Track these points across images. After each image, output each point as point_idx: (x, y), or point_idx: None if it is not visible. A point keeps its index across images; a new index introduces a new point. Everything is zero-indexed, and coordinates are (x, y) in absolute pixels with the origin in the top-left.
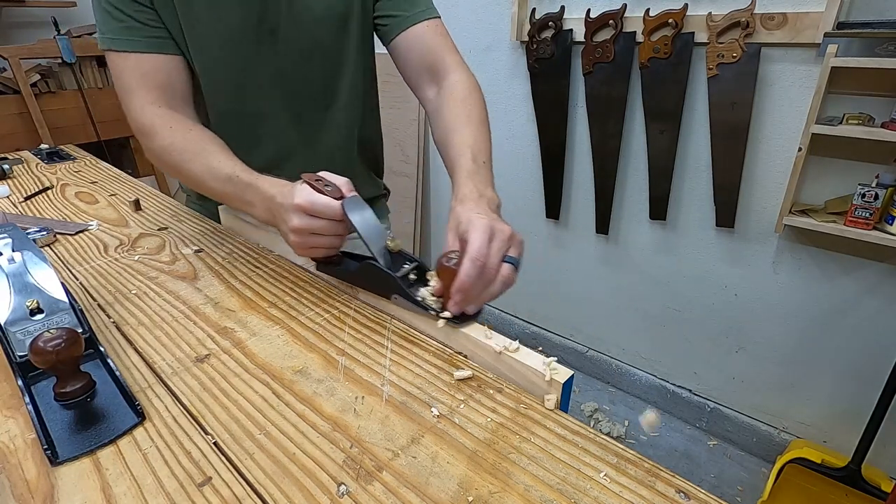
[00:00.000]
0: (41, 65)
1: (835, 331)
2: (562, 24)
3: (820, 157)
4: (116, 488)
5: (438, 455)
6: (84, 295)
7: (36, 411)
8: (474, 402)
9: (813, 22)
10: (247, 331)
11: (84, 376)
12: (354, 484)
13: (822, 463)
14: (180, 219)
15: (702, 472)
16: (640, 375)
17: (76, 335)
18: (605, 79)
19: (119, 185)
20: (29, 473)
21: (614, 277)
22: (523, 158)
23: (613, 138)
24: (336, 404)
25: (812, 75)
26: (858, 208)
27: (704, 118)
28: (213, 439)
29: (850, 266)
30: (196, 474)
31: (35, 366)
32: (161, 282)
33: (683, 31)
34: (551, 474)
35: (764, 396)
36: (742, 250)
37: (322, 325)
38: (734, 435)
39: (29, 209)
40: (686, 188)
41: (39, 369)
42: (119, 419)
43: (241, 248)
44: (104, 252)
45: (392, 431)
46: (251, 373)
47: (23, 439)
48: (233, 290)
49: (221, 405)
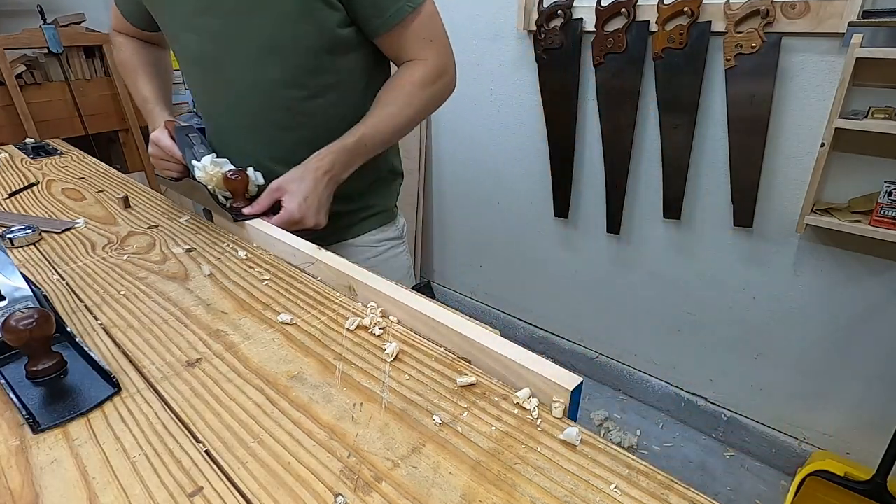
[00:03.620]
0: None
1: (859, 336)
2: (571, 13)
3: (844, 153)
4: (104, 498)
5: (440, 465)
6: (70, 296)
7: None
8: (478, 409)
9: (837, 10)
10: (240, 334)
11: (56, 355)
12: (352, 495)
13: (845, 476)
14: (171, 216)
15: (718, 485)
16: (653, 383)
17: (47, 314)
18: (617, 70)
19: (107, 181)
20: (13, 482)
21: (626, 279)
22: (530, 154)
23: (625, 133)
24: (333, 411)
25: (836, 67)
26: (884, 207)
27: (722, 112)
28: (204, 447)
29: (876, 268)
30: (187, 484)
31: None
32: (151, 282)
33: (700, 20)
34: (559, 486)
35: (783, 405)
36: (761, 251)
37: (319, 328)
38: (752, 446)
39: (13, 206)
40: (702, 186)
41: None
42: (94, 392)
43: (235, 247)
44: (91, 251)
45: (392, 440)
46: (244, 378)
47: (6, 446)
48: (226, 292)
49: (213, 412)
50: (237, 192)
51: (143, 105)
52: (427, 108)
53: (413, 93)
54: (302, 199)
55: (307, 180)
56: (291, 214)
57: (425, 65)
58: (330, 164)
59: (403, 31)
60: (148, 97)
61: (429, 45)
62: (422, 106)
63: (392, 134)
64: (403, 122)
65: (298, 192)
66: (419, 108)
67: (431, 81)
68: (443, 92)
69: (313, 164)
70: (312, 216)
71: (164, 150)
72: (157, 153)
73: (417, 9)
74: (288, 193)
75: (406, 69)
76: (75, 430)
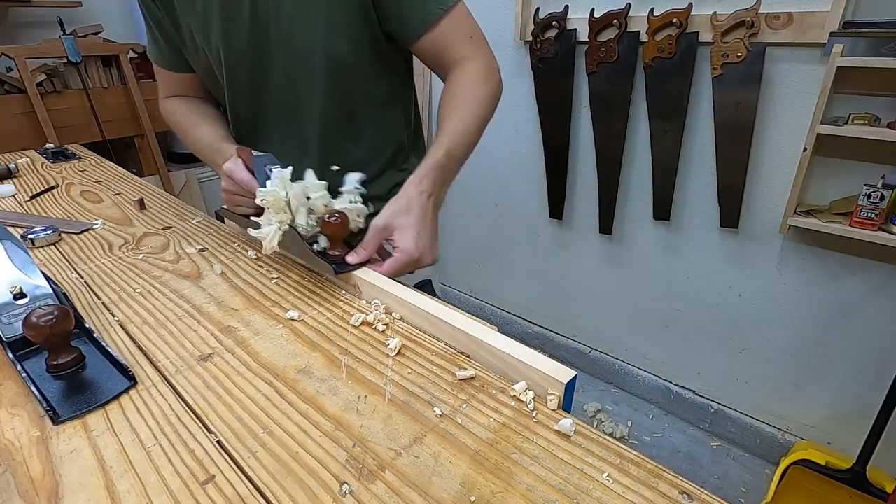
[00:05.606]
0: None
1: (840, 332)
2: (565, 24)
3: (825, 157)
4: (120, 486)
5: (441, 455)
6: (88, 293)
7: (30, 379)
8: (477, 401)
9: (818, 21)
10: (250, 330)
11: (75, 350)
12: (357, 483)
13: (827, 465)
14: (184, 218)
15: (705, 474)
16: (644, 376)
17: (67, 311)
18: (609, 78)
19: (124, 184)
20: (34, 471)
21: (618, 278)
22: (526, 158)
23: (617, 138)
24: (339, 403)
25: (817, 75)
26: (864, 209)
27: (709, 118)
28: (216, 438)
29: (856, 267)
30: (199, 472)
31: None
32: (165, 280)
33: (688, 31)
34: (554, 474)
35: (768, 398)
36: (746, 251)
37: (325, 324)
38: (738, 436)
39: (34, 208)
40: (690, 188)
41: (27, 348)
42: (112, 385)
43: (245, 247)
44: (109, 251)
45: (395, 431)
46: (254, 372)
47: (28, 437)
48: (236, 290)
49: (225, 404)
50: (338, 238)
51: (209, 148)
52: (491, 103)
53: (476, 90)
54: (416, 234)
55: (414, 211)
56: (410, 255)
57: (475, 61)
58: (430, 185)
59: (440, 34)
60: (212, 140)
61: (471, 42)
62: (488, 101)
63: (473, 137)
64: (479, 122)
65: (410, 227)
66: (486, 104)
67: (487, 76)
68: (497, 90)
69: (414, 190)
70: (430, 251)
71: (238, 183)
72: (231, 187)
73: (453, 7)
74: (398, 230)
75: (457, 70)
76: (93, 422)
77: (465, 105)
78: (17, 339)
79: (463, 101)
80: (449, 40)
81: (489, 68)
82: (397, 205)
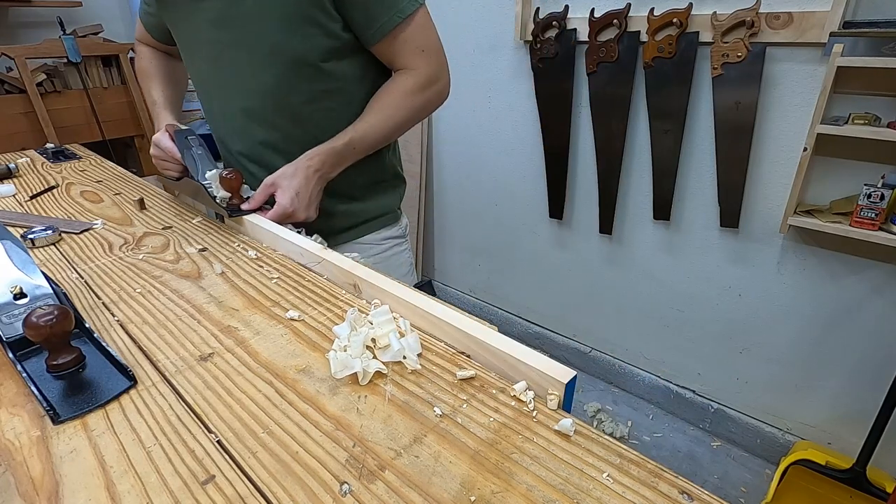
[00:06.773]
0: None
1: (840, 332)
2: (565, 24)
3: (825, 157)
4: (120, 486)
5: (441, 454)
6: (89, 293)
7: (31, 379)
8: (477, 401)
9: (819, 21)
10: (250, 330)
11: (75, 350)
12: (357, 483)
13: (827, 465)
14: (184, 218)
15: (705, 474)
16: (644, 376)
17: (67, 311)
18: (609, 78)
19: (124, 184)
20: (34, 471)
21: (618, 278)
22: (527, 158)
23: (617, 138)
24: (339, 403)
25: (818, 75)
26: (864, 209)
27: (709, 118)
28: (216, 437)
29: (856, 267)
30: (199, 472)
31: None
32: (165, 280)
33: (688, 31)
34: (554, 474)
35: (768, 398)
36: (746, 251)
37: (325, 324)
38: (738, 436)
39: (34, 208)
40: (690, 188)
41: (27, 348)
42: (112, 385)
43: (245, 247)
44: (109, 251)
45: (395, 431)
46: (254, 372)
47: (28, 437)
48: (236, 290)
49: (225, 404)
50: (234, 190)
51: (153, 108)
52: (416, 115)
53: (402, 101)
54: (294, 194)
55: (298, 177)
56: (284, 208)
57: (416, 74)
58: (320, 163)
59: (394, 41)
60: (157, 101)
61: (420, 55)
62: (410, 113)
63: (380, 139)
64: (392, 128)
65: (290, 187)
66: (407, 115)
67: (420, 90)
68: (433, 100)
69: (304, 163)
70: (303, 210)
71: (164, 150)
72: (158, 154)
73: (407, 20)
74: (280, 189)
75: (397, 77)
76: (93, 422)
77: (384, 112)
78: (18, 338)
79: (386, 105)
80: (400, 49)
81: (428, 81)
82: (287, 170)
